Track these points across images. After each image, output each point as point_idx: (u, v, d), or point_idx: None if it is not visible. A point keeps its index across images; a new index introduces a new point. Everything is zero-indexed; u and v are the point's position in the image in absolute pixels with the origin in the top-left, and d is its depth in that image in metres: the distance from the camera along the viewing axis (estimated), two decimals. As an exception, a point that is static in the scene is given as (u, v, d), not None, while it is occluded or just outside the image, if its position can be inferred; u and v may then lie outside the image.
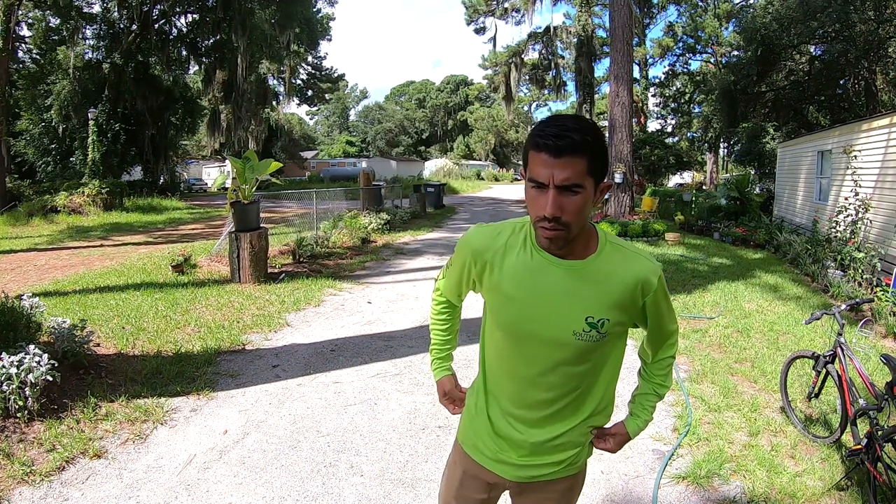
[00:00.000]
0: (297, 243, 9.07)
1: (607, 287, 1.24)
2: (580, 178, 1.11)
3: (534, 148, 1.13)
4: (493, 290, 1.31)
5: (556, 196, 1.11)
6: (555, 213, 1.11)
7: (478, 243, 1.34)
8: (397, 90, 75.79)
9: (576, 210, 1.13)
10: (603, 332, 1.25)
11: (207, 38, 25.49)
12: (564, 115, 1.17)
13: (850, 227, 8.10)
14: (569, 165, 1.09)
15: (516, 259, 1.28)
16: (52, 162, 22.45)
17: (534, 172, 1.13)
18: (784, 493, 2.76)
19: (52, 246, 10.89)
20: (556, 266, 1.24)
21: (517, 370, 1.34)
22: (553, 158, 1.09)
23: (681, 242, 11.48)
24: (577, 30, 26.04)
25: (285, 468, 2.97)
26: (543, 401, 1.34)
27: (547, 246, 1.20)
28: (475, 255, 1.34)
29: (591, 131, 1.11)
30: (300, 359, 4.65)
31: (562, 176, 1.09)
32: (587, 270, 1.24)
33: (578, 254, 1.25)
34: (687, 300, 6.64)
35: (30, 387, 3.21)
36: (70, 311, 5.40)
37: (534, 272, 1.25)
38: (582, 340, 1.25)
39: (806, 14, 16.44)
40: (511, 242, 1.30)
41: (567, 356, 1.28)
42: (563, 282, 1.24)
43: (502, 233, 1.32)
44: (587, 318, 1.23)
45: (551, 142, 1.09)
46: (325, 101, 52.77)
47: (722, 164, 36.07)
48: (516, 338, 1.31)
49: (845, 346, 3.17)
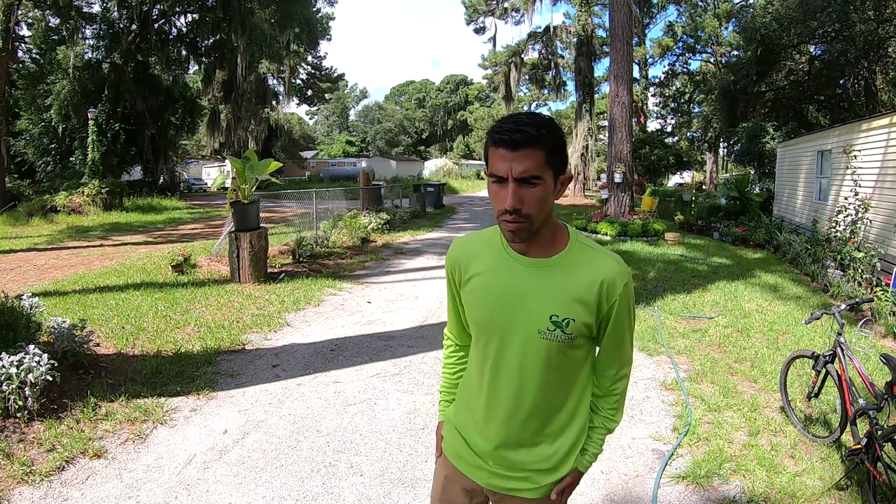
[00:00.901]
0: (297, 243, 9.07)
1: (572, 285, 1.23)
2: (538, 170, 1.13)
3: (492, 144, 1.15)
4: (467, 293, 1.33)
5: (515, 189, 1.13)
6: (515, 205, 1.13)
7: (455, 253, 1.37)
8: (397, 90, 75.79)
9: (536, 202, 1.15)
10: (569, 332, 1.23)
11: (207, 38, 25.49)
12: (522, 112, 1.22)
13: (849, 227, 8.10)
14: (526, 158, 1.11)
15: (487, 260, 1.30)
16: (51, 162, 22.45)
17: (493, 167, 1.15)
18: (784, 492, 2.76)
19: (52, 246, 10.88)
20: (523, 263, 1.25)
21: (487, 372, 1.33)
22: (510, 152, 1.12)
23: (680, 242, 11.48)
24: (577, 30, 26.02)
25: (285, 468, 2.97)
26: (512, 410, 1.31)
27: (511, 239, 1.21)
28: (454, 266, 1.37)
29: (546, 125, 1.13)
30: (300, 358, 4.65)
31: (520, 168, 1.11)
32: (553, 268, 1.24)
33: (546, 251, 1.26)
34: (687, 300, 6.64)
35: (30, 387, 3.21)
36: (70, 311, 5.40)
37: (501, 271, 1.27)
38: (547, 340, 1.23)
39: (806, 14, 16.44)
40: (484, 246, 1.33)
41: (534, 359, 1.26)
42: (529, 279, 1.24)
43: (478, 239, 1.36)
44: (552, 316, 1.22)
45: (507, 136, 1.11)
46: (324, 101, 52.79)
47: (722, 164, 36.10)
48: (486, 336, 1.31)
49: (845, 345, 3.17)
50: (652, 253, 10.11)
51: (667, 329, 5.50)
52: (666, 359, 4.71)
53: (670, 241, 11.58)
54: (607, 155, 15.53)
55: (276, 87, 36.32)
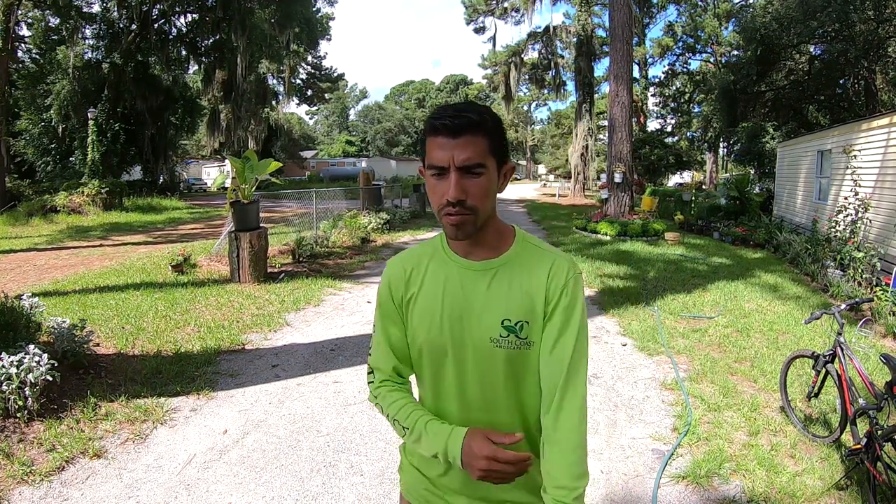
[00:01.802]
0: (297, 243, 9.07)
1: (524, 285, 1.12)
2: (482, 158, 1.04)
3: (431, 132, 1.06)
4: (413, 314, 1.18)
5: (458, 178, 1.03)
6: (458, 195, 1.03)
7: (392, 271, 1.22)
8: (397, 90, 75.81)
9: (480, 192, 1.05)
10: (523, 337, 1.10)
11: (207, 38, 25.50)
12: (459, 102, 1.13)
13: (849, 227, 8.10)
14: (469, 144, 1.03)
15: (431, 272, 1.18)
16: (51, 162, 22.45)
17: (432, 158, 1.05)
18: (784, 492, 2.76)
19: (52, 246, 10.88)
20: (468, 268, 1.14)
21: (454, 399, 1.16)
22: (452, 139, 1.03)
23: (680, 242, 11.48)
24: (577, 29, 26.02)
25: (285, 468, 2.97)
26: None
27: (454, 235, 1.09)
28: (393, 285, 1.20)
29: (487, 111, 1.07)
30: (300, 358, 4.65)
31: (462, 156, 1.02)
32: (502, 268, 1.13)
33: (492, 251, 1.15)
34: (687, 300, 6.64)
35: (29, 387, 3.21)
36: (70, 311, 5.40)
37: (446, 279, 1.15)
38: (501, 348, 1.10)
39: (806, 14, 16.44)
40: (425, 258, 1.20)
41: (494, 373, 1.12)
42: (476, 284, 1.13)
43: (416, 252, 1.23)
44: (504, 321, 1.10)
45: (448, 121, 1.03)
46: (324, 101, 52.78)
47: (721, 164, 36.11)
48: (435, 356, 1.16)
49: (845, 345, 3.17)
50: (652, 253, 10.11)
51: (667, 329, 5.50)
52: (666, 359, 4.71)
53: (670, 241, 11.58)
54: (607, 155, 15.53)
55: (276, 87, 36.35)
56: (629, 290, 7.11)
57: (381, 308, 1.23)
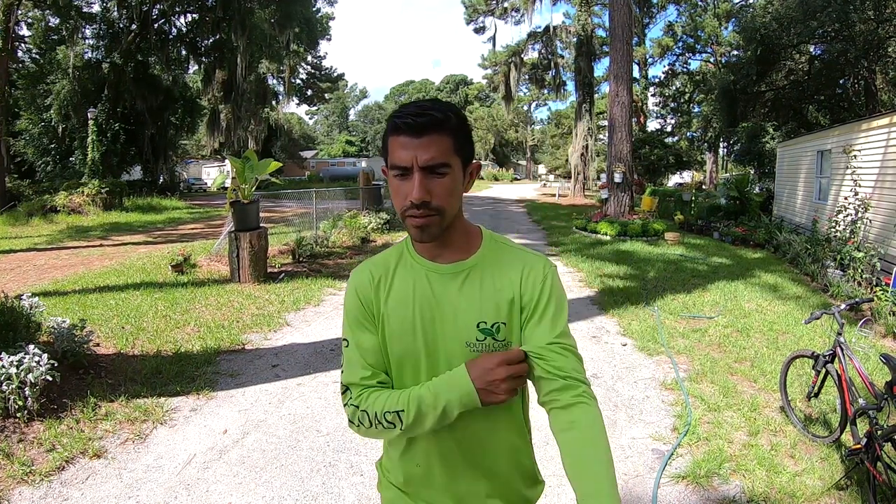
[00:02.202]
0: (297, 243, 9.07)
1: (497, 285, 1.09)
2: (446, 157, 1.00)
3: (393, 131, 1.02)
4: (382, 320, 1.11)
5: (421, 178, 1.00)
6: (422, 196, 0.99)
7: (358, 280, 1.15)
8: (397, 90, 75.83)
9: (445, 193, 1.02)
10: (500, 339, 1.07)
11: (207, 38, 25.50)
12: (423, 99, 1.07)
13: (849, 227, 8.10)
14: (433, 144, 0.99)
15: (396, 276, 1.13)
16: (51, 162, 22.45)
17: (395, 157, 1.01)
18: (784, 492, 2.76)
19: (52, 246, 10.88)
20: (437, 271, 1.10)
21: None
22: (415, 138, 0.99)
23: (680, 242, 11.48)
24: (577, 29, 26.02)
25: (285, 468, 2.97)
26: (472, 446, 1.12)
27: (419, 237, 1.05)
28: (360, 294, 1.13)
29: (452, 108, 1.03)
30: (300, 358, 4.65)
31: (426, 156, 0.99)
32: (473, 270, 1.10)
33: (461, 253, 1.11)
34: (687, 300, 6.64)
35: (29, 387, 3.21)
36: (70, 311, 5.40)
37: (415, 284, 1.10)
38: (477, 352, 1.06)
39: (805, 14, 16.44)
40: (390, 264, 1.15)
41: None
42: (447, 287, 1.09)
43: (380, 260, 1.17)
44: (479, 323, 1.07)
45: (411, 120, 0.99)
46: (324, 101, 52.78)
47: (721, 164, 36.10)
48: (409, 364, 1.10)
49: (845, 345, 3.17)
50: (652, 253, 10.11)
51: (667, 329, 5.50)
52: (666, 359, 4.71)
53: (670, 241, 11.58)
54: (607, 155, 15.53)
55: (276, 86, 36.35)
56: (629, 290, 7.11)
57: (349, 317, 1.14)
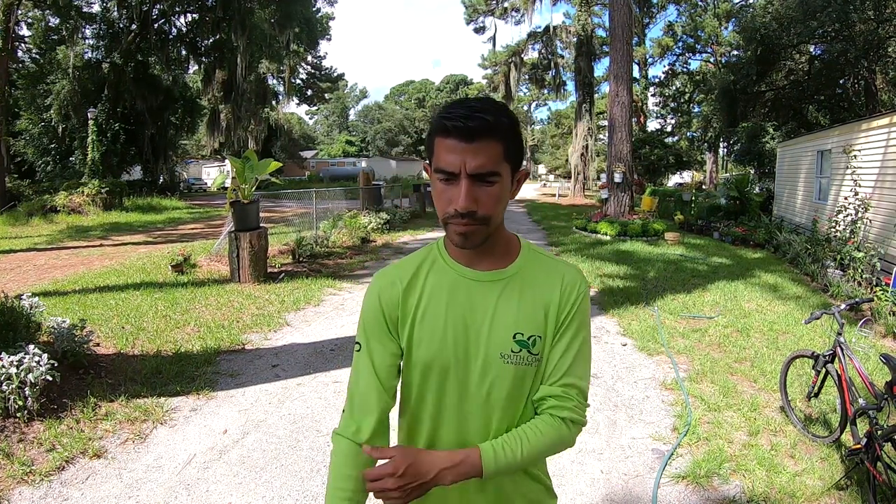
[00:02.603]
0: (297, 243, 9.07)
1: (535, 297, 1.05)
2: (496, 165, 0.95)
3: (440, 133, 0.95)
4: (411, 330, 1.07)
5: (469, 186, 0.94)
6: (469, 206, 0.94)
7: (383, 283, 1.10)
8: (397, 90, 75.82)
9: (492, 202, 0.97)
10: (535, 353, 1.04)
11: (207, 38, 25.52)
12: (471, 97, 1.04)
13: (849, 227, 8.10)
14: (483, 150, 0.93)
15: (428, 280, 1.07)
16: (51, 162, 22.46)
17: (441, 161, 0.95)
18: (784, 492, 2.76)
19: (52, 246, 10.88)
20: (475, 278, 1.06)
21: (446, 421, 1.08)
22: (464, 143, 0.93)
23: (680, 242, 11.48)
24: (577, 29, 26.03)
25: (285, 468, 2.97)
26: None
27: (462, 243, 1.00)
28: (385, 301, 1.08)
29: (505, 112, 0.96)
30: (300, 358, 4.65)
31: (475, 163, 0.93)
32: (512, 279, 1.06)
33: (499, 261, 1.07)
34: (687, 300, 6.64)
35: (29, 387, 3.21)
36: (70, 311, 5.40)
37: (449, 289, 1.06)
38: (512, 364, 1.03)
39: (805, 14, 16.44)
40: (421, 269, 1.09)
41: (499, 391, 1.04)
42: (484, 295, 1.05)
43: (409, 264, 1.11)
44: (515, 335, 1.03)
45: (461, 123, 0.92)
46: (324, 101, 52.79)
47: (721, 164, 36.10)
48: (437, 377, 1.06)
49: (845, 345, 3.17)
50: (652, 253, 10.11)
51: (667, 329, 5.50)
52: (666, 359, 4.71)
53: (670, 241, 11.58)
54: (607, 155, 15.53)
55: (276, 86, 36.38)
56: (629, 290, 7.11)
57: (366, 322, 1.10)
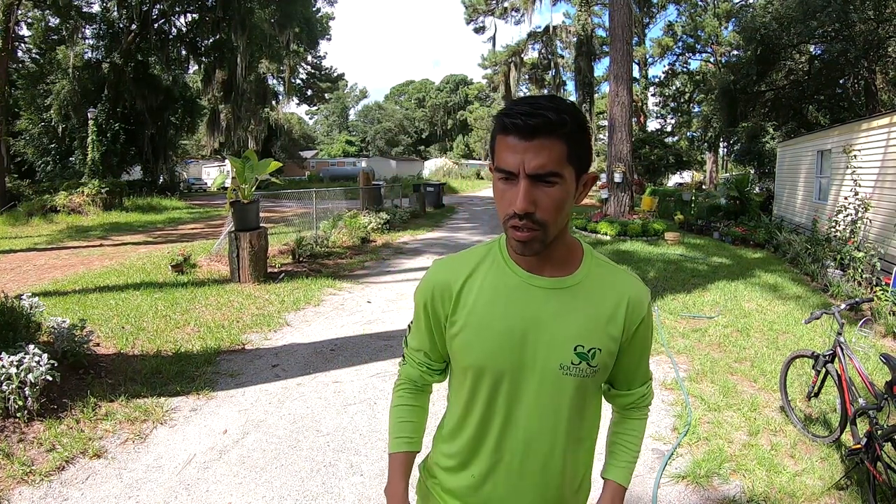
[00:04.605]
0: (297, 243, 9.07)
1: (598, 308, 1.03)
2: (557, 166, 0.91)
3: (501, 130, 0.93)
4: (460, 330, 1.06)
5: (527, 187, 0.91)
6: (526, 207, 0.91)
7: (440, 277, 1.09)
8: (397, 90, 75.79)
9: (552, 205, 0.93)
10: (594, 365, 1.02)
11: (207, 38, 25.50)
12: (539, 95, 1.01)
13: (849, 227, 8.10)
14: (543, 149, 0.89)
15: (486, 281, 1.05)
16: (51, 162, 22.45)
17: (501, 160, 0.92)
18: (784, 492, 2.76)
19: (52, 246, 10.88)
20: (536, 285, 1.02)
21: (495, 431, 1.06)
22: (524, 141, 0.90)
23: (680, 242, 11.48)
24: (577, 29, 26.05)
25: (285, 468, 2.97)
26: (542, 475, 1.07)
27: (520, 250, 0.97)
28: (439, 293, 1.08)
29: (569, 110, 0.92)
30: (300, 358, 4.65)
31: (535, 162, 0.89)
32: (574, 289, 1.03)
33: (560, 268, 1.04)
34: (687, 300, 6.64)
35: (29, 386, 3.21)
36: (70, 311, 5.39)
37: (508, 293, 1.03)
38: (570, 376, 1.01)
39: (805, 13, 16.44)
40: (481, 266, 1.07)
41: (557, 403, 1.03)
42: (546, 303, 1.02)
43: (469, 258, 1.10)
44: (576, 346, 1.01)
45: (521, 121, 0.89)
46: (324, 101, 52.78)
47: (721, 164, 36.09)
48: (488, 383, 1.04)
49: (845, 345, 3.17)
50: (652, 253, 10.11)
51: (667, 329, 5.50)
52: (666, 358, 4.71)
53: (670, 241, 11.58)
54: (607, 155, 15.52)
55: (275, 86, 36.36)
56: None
57: (417, 313, 1.14)
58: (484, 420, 1.07)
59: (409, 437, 1.18)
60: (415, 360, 1.19)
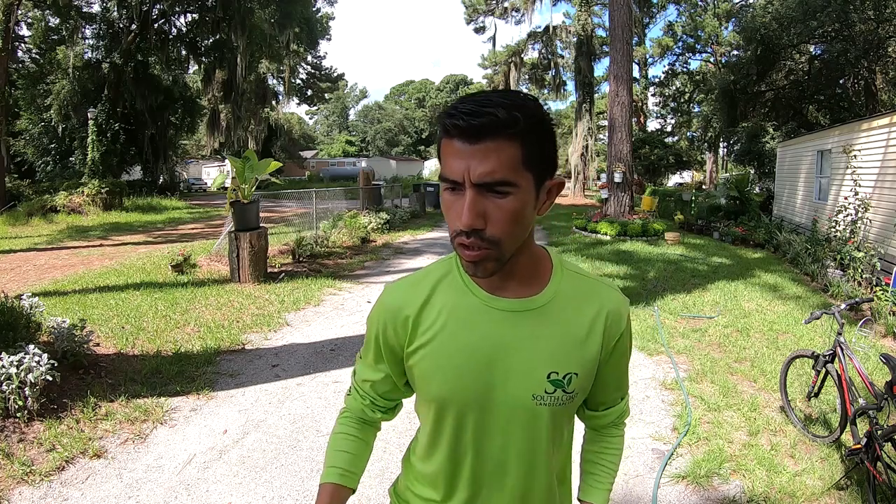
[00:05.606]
0: (297, 243, 9.07)
1: (571, 329, 0.91)
2: (510, 173, 0.76)
3: (444, 133, 0.78)
4: (419, 360, 0.93)
5: (474, 198, 0.76)
6: (472, 222, 0.77)
7: (393, 302, 0.95)
8: (397, 90, 75.81)
9: (505, 219, 0.78)
10: (570, 391, 0.90)
11: (207, 38, 25.51)
12: (490, 90, 0.84)
13: (849, 227, 8.10)
14: (491, 153, 0.74)
15: (444, 305, 0.91)
16: (51, 162, 22.46)
17: (446, 167, 0.78)
18: (784, 492, 2.76)
19: (52, 246, 10.88)
20: (501, 308, 0.89)
21: (467, 469, 0.95)
22: (469, 145, 0.75)
23: (680, 242, 11.48)
24: (577, 29, 26.04)
25: (285, 468, 2.97)
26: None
27: (472, 271, 0.84)
28: (391, 322, 0.94)
29: (523, 106, 0.76)
30: (300, 358, 4.65)
31: (481, 169, 0.75)
32: (544, 309, 0.90)
33: (526, 286, 0.90)
34: (687, 300, 6.64)
35: (29, 387, 3.21)
36: (70, 311, 5.39)
37: (468, 318, 0.89)
38: (545, 406, 0.89)
39: (805, 13, 16.44)
40: (438, 286, 0.93)
41: (530, 435, 0.92)
42: (512, 327, 0.89)
43: (426, 278, 0.95)
44: (550, 374, 0.88)
45: (463, 121, 0.74)
46: (324, 101, 52.77)
47: (721, 164, 36.09)
48: (454, 416, 0.92)
49: (845, 345, 3.17)
50: (652, 253, 10.11)
51: (667, 329, 5.50)
52: (666, 358, 4.71)
53: (670, 241, 11.58)
54: (607, 155, 15.53)
55: (275, 86, 36.35)
56: (629, 290, 7.11)
57: (370, 340, 1.01)
58: (453, 455, 0.96)
59: (343, 469, 1.04)
60: (359, 391, 1.07)
